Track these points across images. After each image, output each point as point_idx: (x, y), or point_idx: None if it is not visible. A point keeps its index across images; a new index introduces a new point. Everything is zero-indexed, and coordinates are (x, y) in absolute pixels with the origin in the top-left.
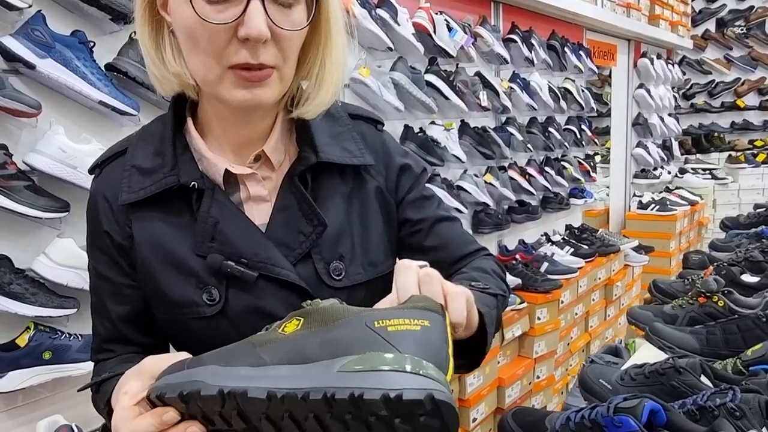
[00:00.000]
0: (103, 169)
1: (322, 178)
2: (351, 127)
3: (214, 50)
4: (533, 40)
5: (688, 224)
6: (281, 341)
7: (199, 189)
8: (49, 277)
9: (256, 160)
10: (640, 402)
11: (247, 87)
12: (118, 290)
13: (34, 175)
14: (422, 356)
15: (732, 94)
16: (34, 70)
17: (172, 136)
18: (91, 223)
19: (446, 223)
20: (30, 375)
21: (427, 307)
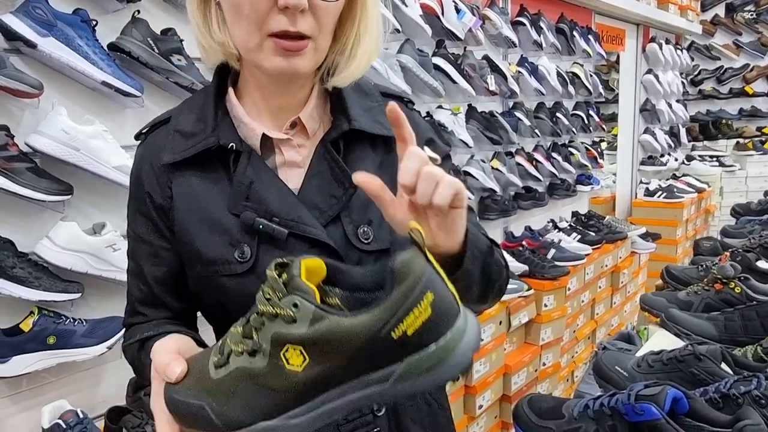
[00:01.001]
0: (148, 135)
1: (354, 147)
2: (382, 103)
3: (256, 18)
4: (542, 24)
5: (695, 212)
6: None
7: (237, 151)
8: (53, 261)
9: (292, 127)
10: (663, 389)
11: (285, 56)
12: (156, 252)
13: (37, 157)
14: (446, 326)
15: (741, 80)
16: (36, 49)
17: (214, 103)
18: (134, 187)
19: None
20: (34, 360)
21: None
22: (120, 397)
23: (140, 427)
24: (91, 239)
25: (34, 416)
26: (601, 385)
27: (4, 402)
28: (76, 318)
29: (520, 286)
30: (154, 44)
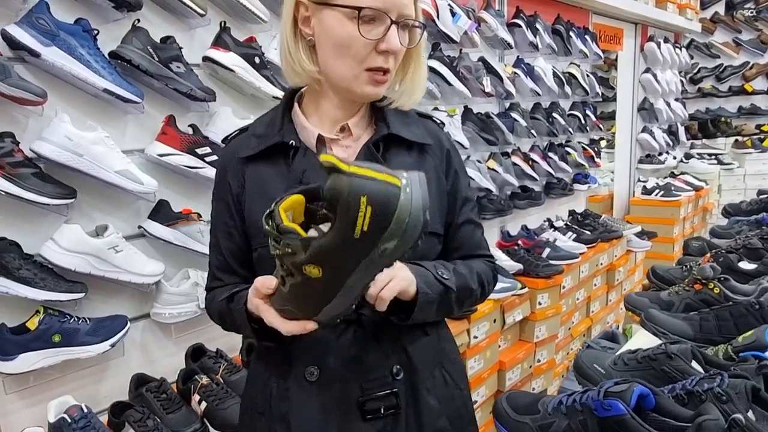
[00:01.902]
0: (232, 140)
1: (392, 149)
2: (417, 120)
3: (360, 57)
4: (538, 25)
5: (692, 210)
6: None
7: (295, 147)
8: (58, 263)
9: (341, 131)
10: (630, 386)
11: (375, 85)
12: (229, 230)
13: (41, 162)
14: (387, 209)
15: (740, 78)
16: (39, 58)
17: (282, 114)
18: (219, 178)
19: (473, 228)
20: (40, 357)
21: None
22: (122, 392)
23: (142, 421)
24: (93, 241)
25: (41, 411)
26: (580, 382)
27: (12, 397)
28: (80, 317)
29: (513, 284)
30: (154, 52)
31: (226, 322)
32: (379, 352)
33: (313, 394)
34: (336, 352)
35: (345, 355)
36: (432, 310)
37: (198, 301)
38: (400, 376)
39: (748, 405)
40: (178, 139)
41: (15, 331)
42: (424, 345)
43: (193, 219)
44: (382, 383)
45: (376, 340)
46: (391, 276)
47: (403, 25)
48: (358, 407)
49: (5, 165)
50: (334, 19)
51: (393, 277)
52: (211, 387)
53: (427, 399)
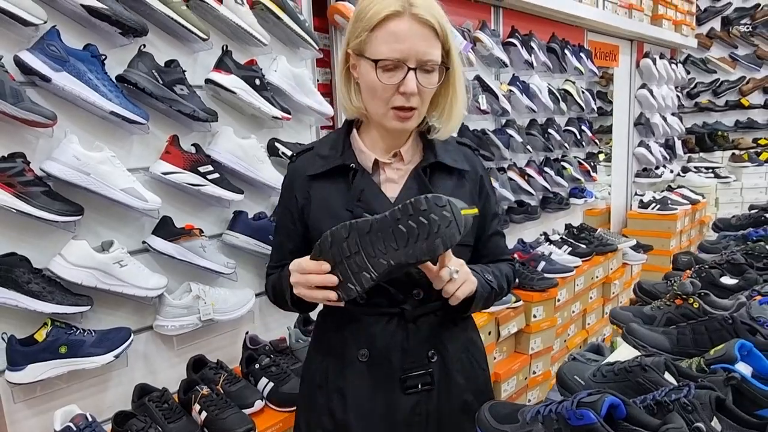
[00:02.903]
0: (298, 158)
1: (437, 174)
2: (457, 148)
3: (385, 98)
4: (533, 43)
5: (689, 223)
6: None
7: (355, 169)
8: (65, 277)
9: (394, 156)
10: (601, 397)
11: (400, 120)
12: (291, 233)
13: (51, 181)
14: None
15: (737, 92)
16: (50, 83)
17: (343, 139)
18: (286, 189)
19: (498, 238)
20: (47, 368)
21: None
22: (125, 402)
23: (144, 430)
24: (99, 256)
25: (47, 420)
26: (562, 393)
27: (20, 406)
28: (86, 329)
29: (508, 297)
30: (159, 75)
31: (276, 291)
32: (418, 339)
33: (364, 372)
34: (382, 339)
35: (390, 341)
36: (480, 306)
37: (199, 313)
38: (434, 359)
39: (711, 414)
40: (181, 158)
41: (23, 343)
42: (455, 334)
43: (195, 234)
44: (420, 364)
45: (416, 330)
46: (465, 278)
47: (423, 69)
48: (400, 383)
49: (17, 184)
50: (366, 68)
51: (466, 280)
52: (211, 397)
53: (456, 377)
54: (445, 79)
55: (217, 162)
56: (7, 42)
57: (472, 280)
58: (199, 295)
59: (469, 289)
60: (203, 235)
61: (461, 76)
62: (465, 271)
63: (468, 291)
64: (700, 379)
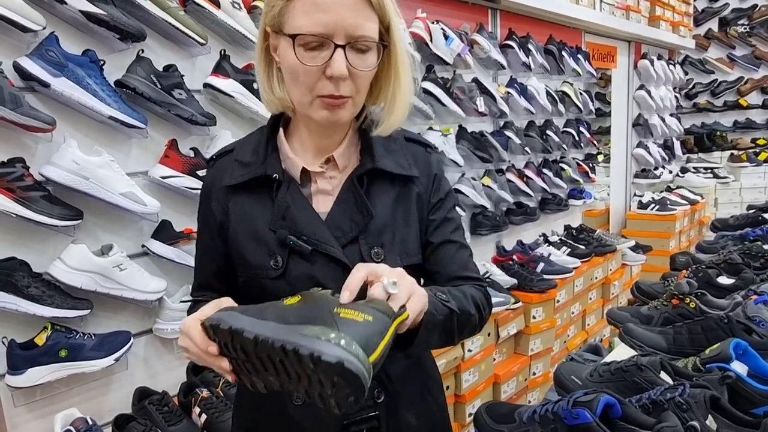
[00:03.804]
0: (216, 162)
1: (376, 182)
2: (405, 147)
3: (309, 83)
4: (530, 45)
5: (688, 223)
6: (280, 308)
7: (279, 180)
8: (65, 281)
9: (326, 162)
10: (596, 396)
11: (330, 110)
12: (210, 252)
13: (50, 185)
14: (355, 339)
15: (735, 93)
16: (49, 88)
17: (266, 141)
18: (203, 201)
19: (453, 246)
20: (47, 371)
21: (378, 308)
22: (126, 405)
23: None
24: (99, 260)
25: (47, 423)
26: (559, 393)
27: (20, 410)
28: (86, 333)
29: (507, 299)
30: (157, 80)
31: None
32: None
33: (300, 417)
34: None
35: None
36: (435, 336)
37: None
38: (381, 399)
39: (706, 413)
40: (180, 161)
41: (24, 347)
42: (405, 367)
43: (195, 238)
44: (363, 407)
45: None
46: (410, 291)
47: (356, 48)
48: (342, 430)
49: (16, 189)
50: (285, 47)
51: (412, 293)
52: (211, 400)
53: (406, 417)
54: (386, 61)
55: None
56: (6, 48)
57: (420, 292)
58: None
59: (419, 304)
60: None
61: (406, 56)
62: (407, 282)
63: (419, 307)
64: (695, 378)
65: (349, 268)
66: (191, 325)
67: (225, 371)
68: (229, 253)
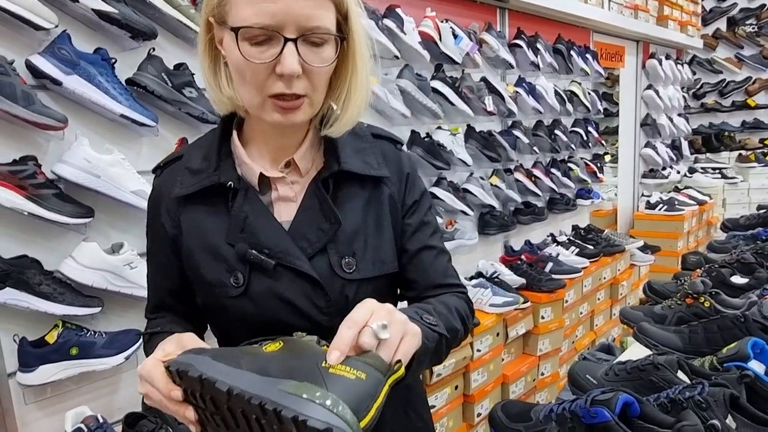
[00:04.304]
0: (164, 170)
1: (344, 185)
2: (373, 145)
3: (257, 83)
4: (539, 45)
5: (696, 224)
6: (259, 356)
7: (235, 188)
8: (76, 278)
9: (286, 166)
10: (615, 395)
11: (283, 113)
12: (165, 269)
13: (61, 183)
14: (345, 400)
15: (743, 93)
16: (61, 86)
17: (218, 145)
18: (151, 213)
19: (431, 252)
20: (58, 369)
21: (373, 364)
22: (135, 403)
23: (155, 431)
24: (110, 258)
25: (58, 421)
26: (574, 392)
27: (31, 408)
28: (97, 331)
29: (516, 299)
30: (168, 78)
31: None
32: None
33: None
34: None
35: None
36: (426, 363)
37: None
38: None
39: (726, 412)
40: None
41: (35, 344)
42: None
43: None
44: None
45: None
46: (402, 332)
47: (309, 41)
48: None
49: (28, 186)
50: (229, 42)
51: (405, 333)
52: None
53: None
54: (343, 54)
55: None
56: (18, 46)
57: (413, 331)
58: None
59: (412, 345)
60: None
61: (364, 48)
62: (398, 321)
63: (412, 349)
64: (713, 377)
65: (318, 282)
66: (151, 368)
67: (189, 421)
68: (184, 270)
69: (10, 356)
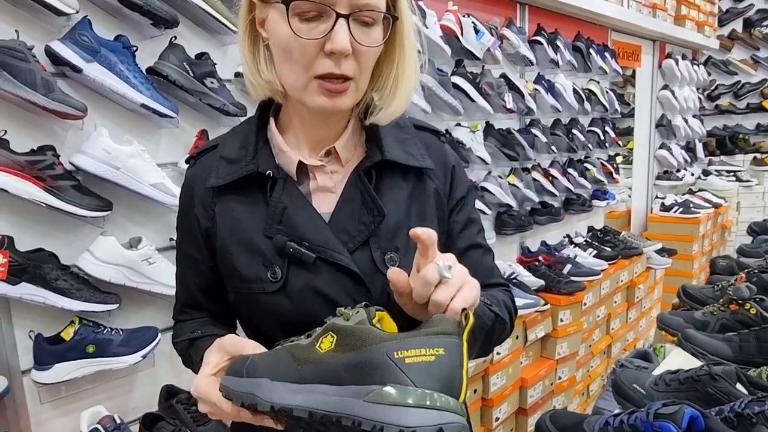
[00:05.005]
0: (198, 160)
1: (386, 177)
2: (415, 136)
3: (304, 61)
4: (558, 42)
5: (711, 227)
6: (318, 362)
7: (273, 178)
8: (93, 274)
9: (326, 155)
10: (680, 408)
11: (329, 96)
12: (197, 265)
13: (80, 175)
14: (435, 386)
15: (758, 95)
16: (81, 73)
17: (256, 133)
18: (183, 206)
19: (479, 251)
20: (74, 367)
21: (443, 331)
22: (152, 403)
23: None
24: (128, 253)
25: (73, 421)
26: (620, 402)
27: (46, 407)
28: (114, 328)
29: (536, 301)
30: (190, 68)
31: (187, 363)
32: None
33: None
34: None
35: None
36: (478, 345)
37: None
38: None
39: None
40: None
41: (50, 341)
42: None
43: None
44: None
45: None
46: (463, 280)
47: (360, 20)
48: None
49: (46, 177)
50: (276, 19)
51: (466, 282)
52: None
53: None
54: (391, 38)
55: None
56: (38, 32)
57: (473, 283)
58: None
59: (472, 295)
60: None
61: (412, 35)
62: (461, 269)
63: (471, 299)
64: None
65: (360, 278)
66: (206, 389)
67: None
68: (217, 265)
69: (24, 353)
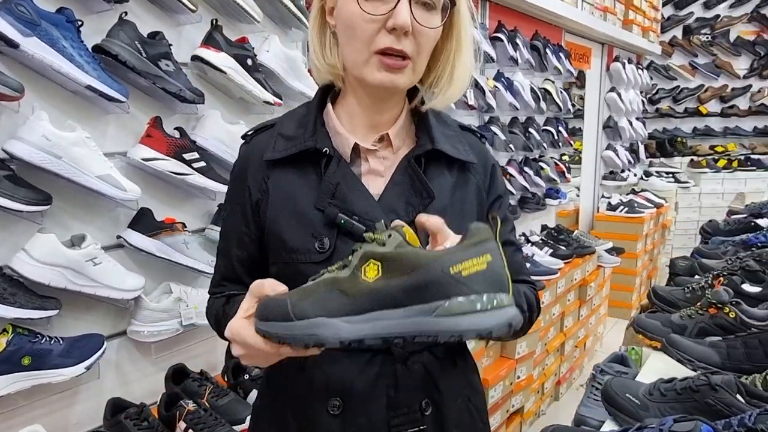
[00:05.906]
0: (254, 137)
1: (434, 166)
2: (459, 134)
3: (366, 37)
4: (518, 40)
5: (653, 226)
6: (371, 291)
7: (329, 156)
8: (29, 276)
9: (379, 141)
10: (696, 425)
11: (388, 71)
12: (242, 238)
13: (14, 164)
14: (491, 289)
15: (695, 100)
16: (18, 49)
17: (315, 114)
18: (235, 180)
19: (511, 248)
20: (8, 382)
21: (484, 239)
22: (95, 419)
23: None
24: (69, 252)
25: None
26: (611, 412)
27: None
28: (53, 336)
29: None
30: (142, 48)
31: (221, 327)
32: (408, 385)
33: (335, 430)
34: (361, 384)
35: (371, 387)
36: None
37: (180, 317)
38: (428, 411)
39: None
40: (164, 142)
41: None
42: (453, 378)
43: (178, 229)
44: (410, 419)
45: (406, 373)
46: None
47: (421, 2)
48: None
49: None
50: (345, 1)
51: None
52: (198, 413)
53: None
54: (448, 26)
55: (203, 149)
56: None
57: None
58: (180, 297)
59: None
60: (186, 230)
61: (469, 27)
62: None
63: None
64: None
65: None
66: (241, 331)
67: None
68: (262, 238)
69: None
